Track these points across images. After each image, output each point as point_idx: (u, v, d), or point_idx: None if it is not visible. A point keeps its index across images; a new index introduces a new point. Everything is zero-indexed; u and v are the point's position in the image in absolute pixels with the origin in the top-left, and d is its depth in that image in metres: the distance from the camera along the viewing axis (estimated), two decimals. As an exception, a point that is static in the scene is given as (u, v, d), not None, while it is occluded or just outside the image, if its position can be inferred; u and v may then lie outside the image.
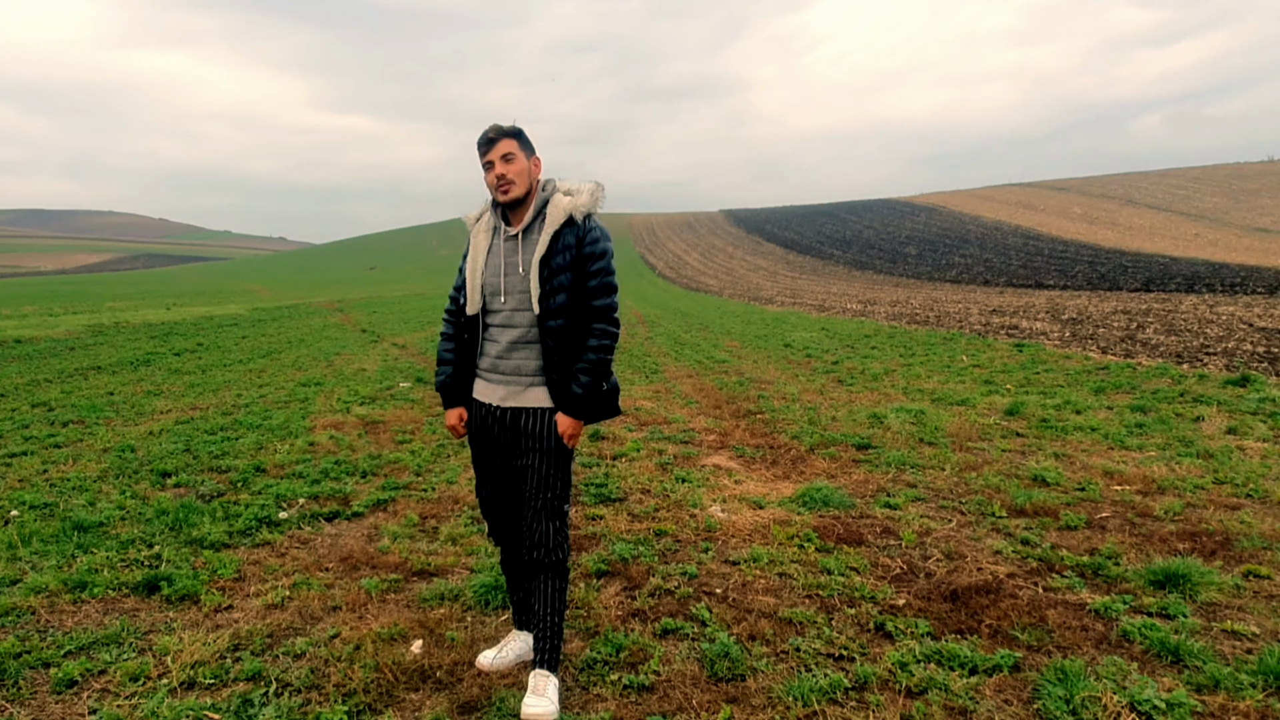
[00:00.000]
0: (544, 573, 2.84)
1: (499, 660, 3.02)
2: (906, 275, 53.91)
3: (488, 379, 2.90)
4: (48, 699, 2.87)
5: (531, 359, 2.82)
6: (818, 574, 3.91)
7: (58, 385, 10.94)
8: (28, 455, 6.66)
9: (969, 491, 5.29)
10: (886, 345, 15.01)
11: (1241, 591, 3.63)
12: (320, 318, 26.35)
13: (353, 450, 6.70)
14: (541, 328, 2.77)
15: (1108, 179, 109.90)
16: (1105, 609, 3.43)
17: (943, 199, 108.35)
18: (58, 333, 18.13)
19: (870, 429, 7.28)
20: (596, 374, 2.78)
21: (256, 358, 14.47)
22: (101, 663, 3.09)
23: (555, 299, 2.75)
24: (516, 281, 2.80)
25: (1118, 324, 17.42)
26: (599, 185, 2.85)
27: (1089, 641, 3.18)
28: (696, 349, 15.21)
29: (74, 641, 3.26)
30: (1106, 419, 7.54)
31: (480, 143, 2.81)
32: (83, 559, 4.17)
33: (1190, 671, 2.90)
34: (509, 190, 2.78)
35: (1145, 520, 4.65)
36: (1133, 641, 3.15)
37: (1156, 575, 3.72)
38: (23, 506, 5.11)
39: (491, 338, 2.88)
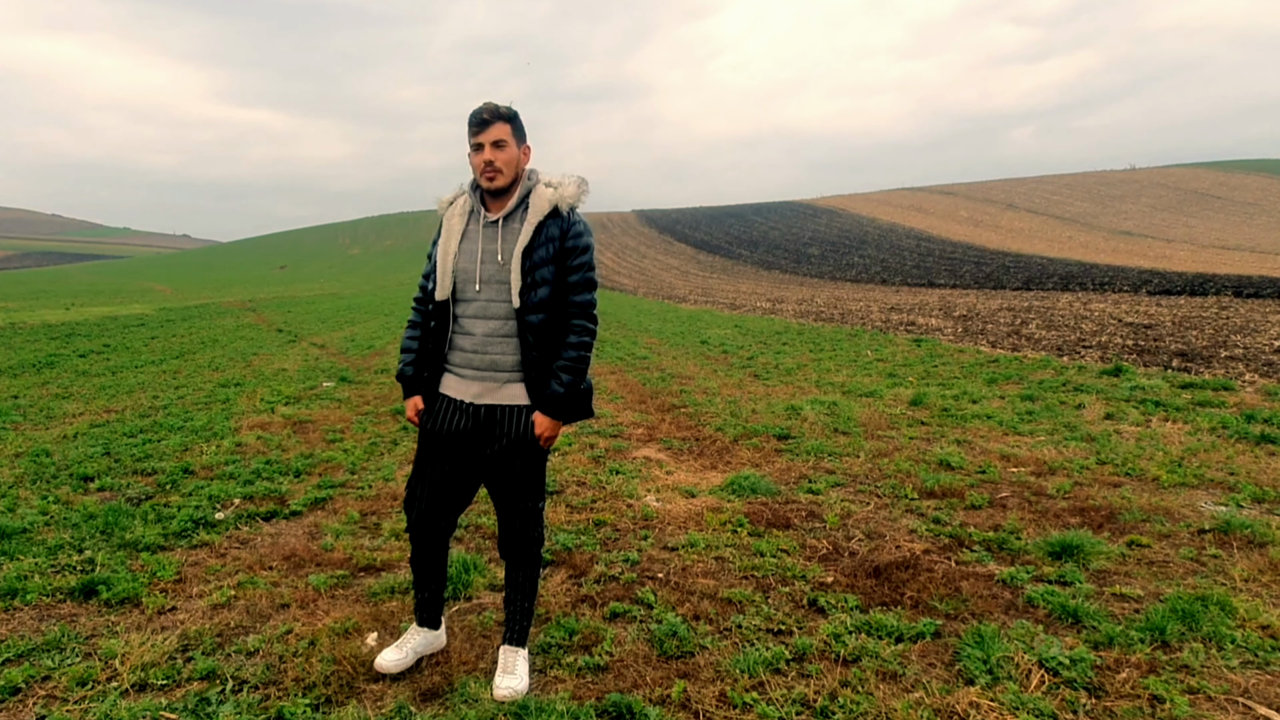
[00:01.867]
0: (521, 565, 2.87)
1: (403, 660, 2.86)
2: (811, 275, 55.38)
3: (460, 374, 2.74)
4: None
5: (509, 353, 2.68)
6: (752, 556, 4.05)
7: (-45, 389, 10.21)
8: (-68, 462, 6.23)
9: (883, 476, 5.55)
10: (797, 341, 15.44)
11: (1127, 559, 3.95)
12: (233, 317, 25.29)
13: (283, 450, 6.52)
14: (521, 321, 2.63)
15: (990, 184, 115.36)
16: (1011, 578, 3.68)
17: (841, 202, 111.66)
18: (-52, 334, 16.89)
19: (788, 420, 7.52)
20: (578, 372, 2.68)
21: (169, 359, 13.81)
22: (45, 668, 2.96)
23: (537, 292, 2.62)
24: (494, 270, 2.65)
25: (1004, 320, 18.37)
26: (583, 179, 2.73)
27: (999, 608, 3.41)
28: (617, 346, 15.31)
29: (11, 649, 3.11)
30: (1000, 407, 7.99)
31: (473, 121, 2.63)
32: (9, 566, 3.95)
33: (1088, 631, 3.16)
34: (495, 179, 2.64)
35: (1040, 498, 4.98)
36: (1037, 606, 3.40)
37: (1053, 547, 4.01)
38: (-66, 515, 4.80)
39: (464, 329, 2.71)
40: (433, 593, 2.96)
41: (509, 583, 2.90)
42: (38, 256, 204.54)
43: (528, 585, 2.88)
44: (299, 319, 24.57)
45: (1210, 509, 4.69)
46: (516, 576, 2.87)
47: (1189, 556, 3.96)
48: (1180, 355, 11.52)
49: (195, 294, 47.74)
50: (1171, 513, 4.63)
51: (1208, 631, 3.09)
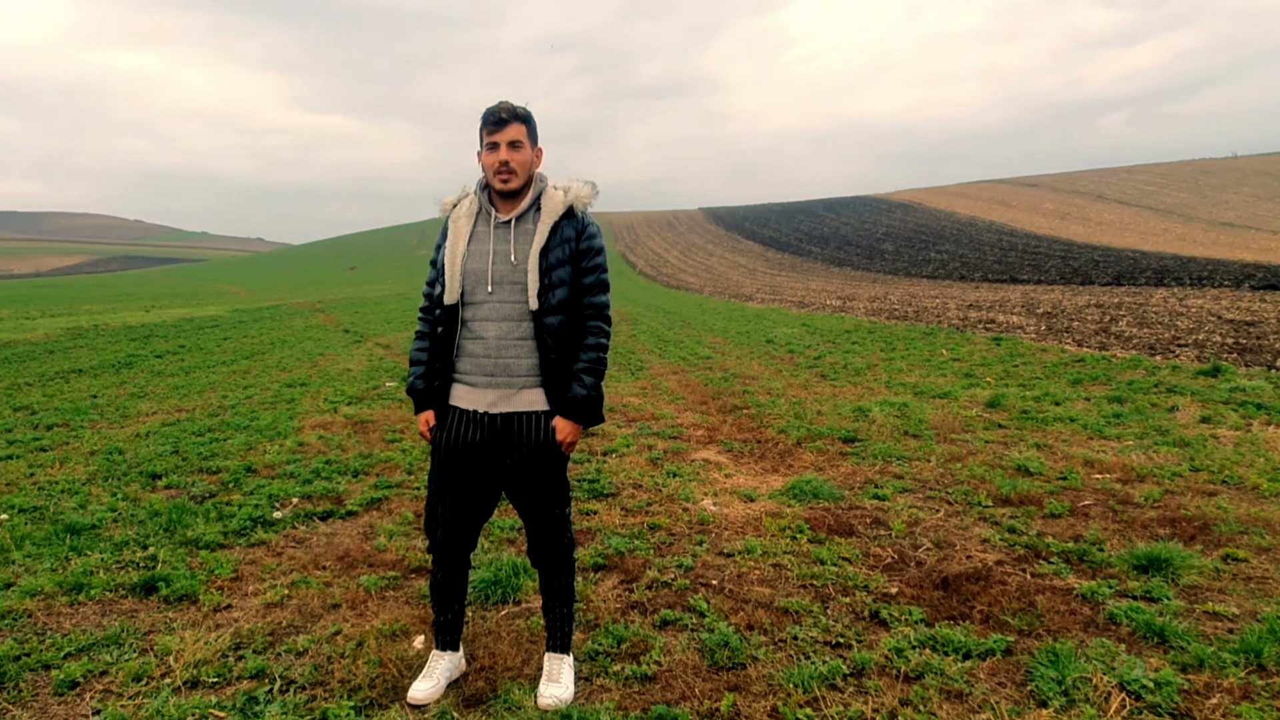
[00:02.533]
0: (555, 573, 2.84)
1: (435, 690, 2.77)
2: (884, 271, 54.30)
3: (471, 382, 2.66)
4: (50, 700, 2.86)
5: (523, 357, 2.61)
6: (811, 564, 3.95)
7: (39, 388, 10.79)
8: (13, 459, 6.58)
9: (955, 482, 5.37)
10: (867, 340, 15.13)
11: (1221, 574, 3.71)
12: (302, 318, 26.13)
13: (343, 450, 6.67)
14: (539, 323, 2.58)
15: (1077, 175, 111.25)
16: (1092, 593, 3.50)
17: (918, 196, 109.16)
18: (36, 336, 17.88)
19: (855, 422, 7.35)
20: (598, 374, 2.66)
21: (240, 359, 14.34)
22: (103, 664, 3.08)
23: (555, 294, 2.58)
24: (507, 271, 2.60)
25: (1092, 317, 17.66)
26: (594, 183, 2.70)
27: (1077, 625, 3.24)
28: (680, 346, 15.25)
29: (73, 643, 3.23)
30: (1085, 409, 7.66)
31: (489, 120, 2.58)
32: (77, 561, 4.13)
33: (1175, 651, 2.98)
34: (509, 180, 2.59)
35: (1126, 507, 4.74)
36: (1119, 624, 3.22)
37: (1139, 560, 3.80)
38: (12, 510, 5.05)
39: (475, 333, 2.64)
40: (455, 613, 2.90)
41: (545, 591, 2.87)
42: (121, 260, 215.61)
43: (565, 591, 2.85)
44: (365, 319, 25.24)
45: (1319, 521, 4.38)
46: (552, 584, 2.85)
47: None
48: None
49: (268, 296, 49.53)
50: (1272, 524, 4.34)
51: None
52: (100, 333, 19.52)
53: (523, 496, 2.74)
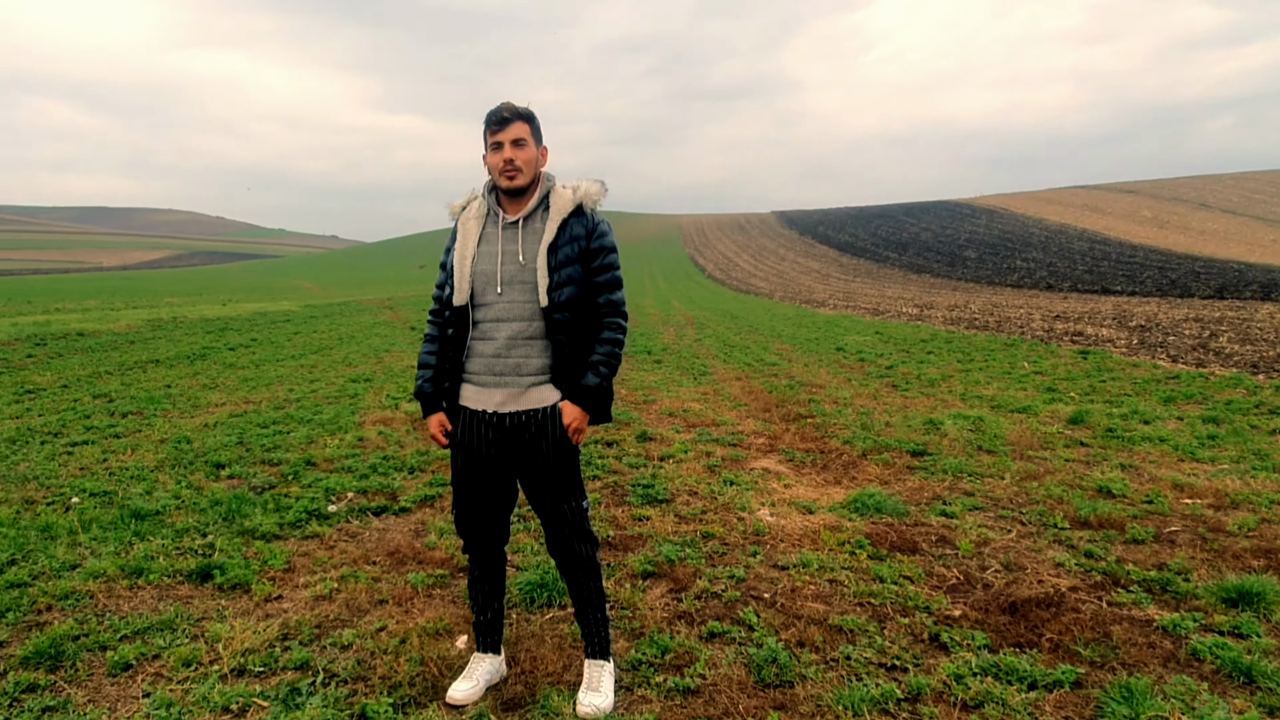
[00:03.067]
0: (580, 573, 2.84)
1: (474, 691, 2.81)
2: (965, 279, 52.92)
3: (480, 382, 2.70)
4: (104, 681, 2.97)
5: (533, 356, 2.66)
6: (869, 581, 3.85)
7: (118, 377, 11.32)
8: (89, 444, 6.91)
9: (1030, 501, 5.17)
10: (944, 350, 14.74)
11: (1322, 613, 3.48)
12: (370, 315, 26.85)
13: (401, 446, 6.81)
14: (549, 321, 2.62)
15: (1179, 182, 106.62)
16: (1174, 626, 3.32)
17: (1004, 201, 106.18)
18: (118, 326, 18.78)
19: (926, 435, 7.16)
20: (612, 368, 2.70)
21: (308, 353, 14.80)
22: (156, 647, 3.19)
23: (564, 291, 2.62)
24: (516, 271, 2.63)
25: (1189, 332, 16.86)
26: (602, 181, 2.74)
27: (1156, 659, 3.08)
28: (746, 351, 15.13)
29: (130, 626, 3.37)
30: (1176, 430, 7.30)
31: (491, 120, 2.62)
32: (139, 546, 4.31)
33: (1264, 694, 2.79)
34: (515, 178, 2.63)
35: (1217, 535, 4.48)
36: (1202, 660, 3.04)
37: (1229, 593, 3.58)
38: (83, 494, 5.30)
39: (484, 334, 2.68)
40: (495, 613, 2.94)
41: (573, 594, 2.86)
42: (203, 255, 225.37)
43: (594, 594, 2.84)
44: (432, 318, 25.76)
45: None
46: (579, 588, 2.83)
47: (1406, 615, 3.44)
48: None
49: (339, 292, 51.08)
50: (1386, 561, 4.04)
51: None
52: (178, 325, 20.40)
53: (537, 492, 2.76)
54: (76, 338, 16.24)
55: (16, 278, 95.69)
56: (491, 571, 2.91)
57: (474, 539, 2.87)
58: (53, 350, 14.30)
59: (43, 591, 3.69)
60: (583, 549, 2.80)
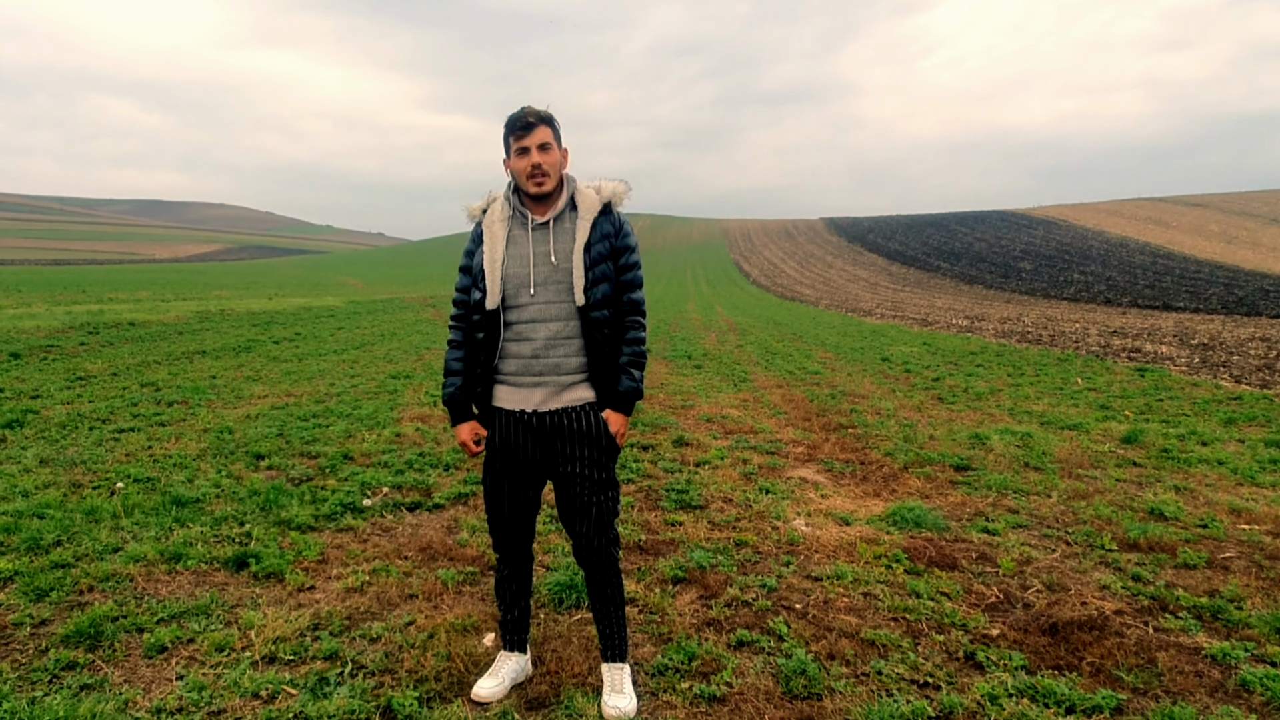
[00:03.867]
0: (604, 574, 2.85)
1: (499, 689, 2.84)
2: (1019, 291, 51.96)
3: (517, 383, 2.72)
4: (139, 662, 3.07)
5: (571, 355, 2.69)
6: (905, 596, 3.81)
7: (165, 367, 11.66)
8: (135, 431, 7.13)
9: (1076, 521, 5.06)
10: (993, 364, 14.49)
11: (1384, 648, 3.35)
12: (413, 312, 27.24)
13: (437, 443, 6.90)
14: (585, 319, 2.66)
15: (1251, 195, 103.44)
16: (1223, 655, 3.23)
17: (1063, 212, 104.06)
18: (168, 318, 19.32)
19: (970, 450, 7.05)
20: (642, 367, 2.77)
21: (350, 349, 15.07)
22: (191, 632, 3.28)
23: (599, 289, 2.66)
24: (549, 272, 2.66)
25: (1255, 351, 16.35)
26: (625, 181, 2.79)
27: (1203, 689, 3.00)
28: (788, 359, 15.04)
29: (166, 610, 3.47)
30: (1236, 452, 7.09)
31: (516, 126, 2.64)
32: (179, 532, 4.43)
33: (1319, 730, 2.71)
34: (543, 183, 2.65)
35: (1274, 563, 4.34)
36: (1253, 692, 2.95)
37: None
38: (128, 479, 5.47)
39: (520, 335, 2.70)
40: (521, 611, 2.97)
41: (596, 595, 2.88)
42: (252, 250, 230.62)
43: (617, 594, 2.86)
44: (474, 317, 26.04)
45: None
46: (604, 588, 2.85)
47: None
48: None
49: (383, 289, 51.86)
50: None
51: None
52: (225, 317, 20.91)
53: (574, 490, 2.76)
54: (128, 327, 16.74)
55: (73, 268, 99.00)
56: (520, 570, 2.95)
57: (505, 538, 2.91)
58: (104, 339, 14.76)
59: (85, 573, 3.82)
60: (612, 547, 2.83)
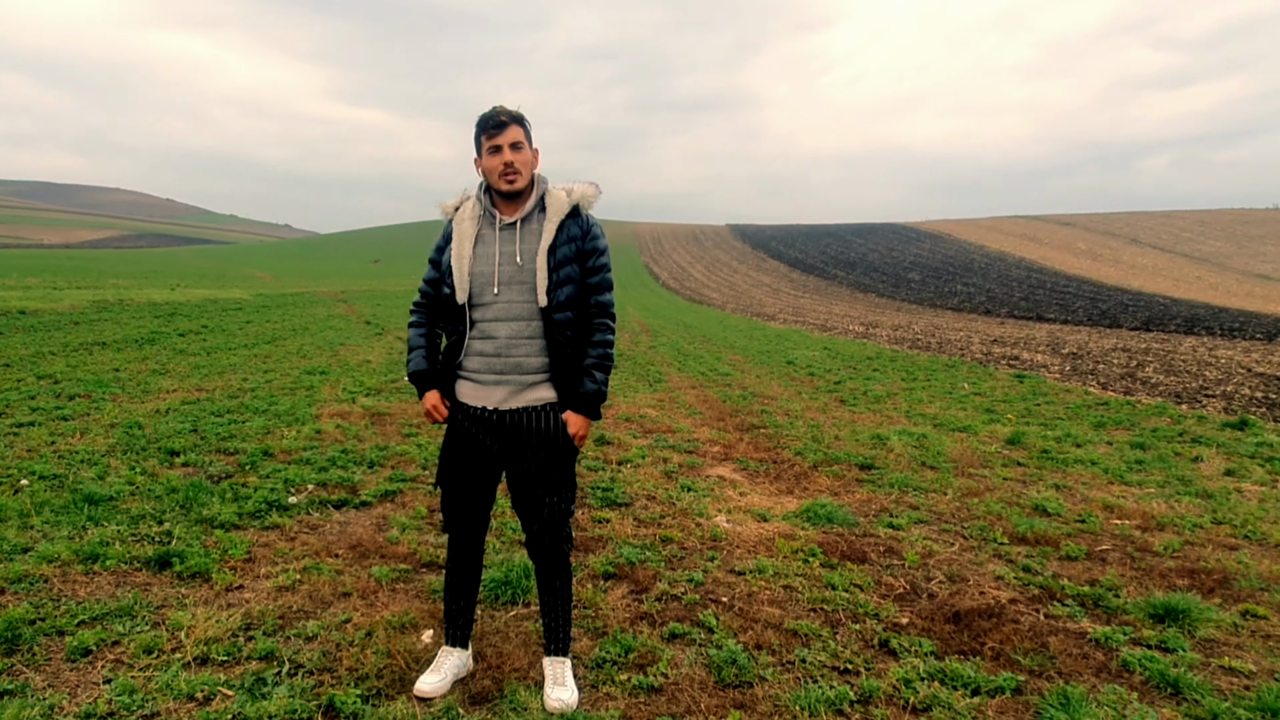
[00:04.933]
0: (555, 571, 2.87)
1: (442, 684, 2.81)
2: (909, 300, 54.04)
3: (480, 379, 2.71)
4: (62, 666, 2.91)
5: (533, 355, 2.68)
6: (822, 589, 3.95)
7: (63, 359, 10.96)
8: (35, 426, 6.69)
9: (971, 516, 5.34)
10: (889, 368, 15.06)
11: (1239, 630, 3.67)
12: (324, 307, 26.38)
13: (360, 440, 6.73)
14: (548, 320, 2.65)
15: (1113, 217, 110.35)
16: (1106, 639, 3.47)
17: (948, 226, 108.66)
18: (62, 306, 18.16)
19: (873, 450, 7.33)
20: (606, 369, 2.75)
21: (261, 343, 14.49)
22: (115, 634, 3.13)
23: (562, 291, 2.66)
24: (514, 271, 2.66)
25: (1118, 361, 17.50)
26: (596, 184, 2.78)
27: (1090, 669, 3.22)
28: (700, 361, 15.26)
29: (87, 611, 3.29)
30: (1107, 454, 7.59)
31: (489, 125, 2.62)
32: (94, 531, 4.20)
33: (1189, 704, 2.95)
34: (515, 181, 2.64)
35: (1145, 555, 4.69)
36: (1133, 672, 3.19)
37: (1156, 609, 3.76)
38: (32, 476, 5.15)
39: (484, 333, 2.70)
40: (467, 602, 2.96)
41: (545, 590, 2.89)
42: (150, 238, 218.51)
43: (565, 590, 2.89)
44: (388, 312, 25.42)
45: (1342, 584, 4.32)
46: (553, 582, 2.87)
47: (1313, 634, 3.65)
48: (1318, 412, 10.71)
49: (292, 282, 50.00)
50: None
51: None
52: (125, 308, 19.79)
53: (530, 489, 2.77)
54: (18, 316, 15.68)
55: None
56: (470, 559, 2.94)
57: (460, 529, 2.88)
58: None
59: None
60: (565, 544, 2.85)
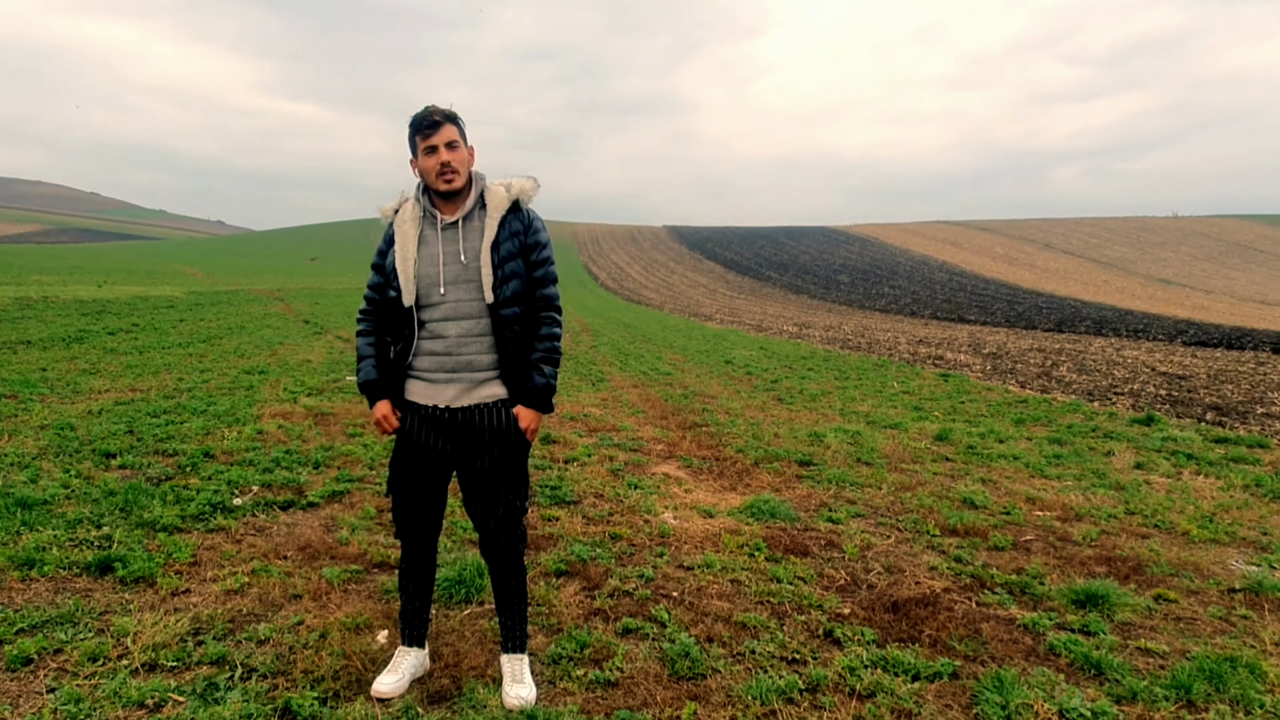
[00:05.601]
0: (510, 569, 2.86)
1: (400, 684, 2.77)
2: (839, 302, 55.16)
3: (430, 379, 2.68)
4: (2, 676, 2.78)
5: (484, 352, 2.66)
6: (768, 581, 4.02)
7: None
8: (-40, 428, 6.35)
9: (904, 510, 5.49)
10: (822, 368, 15.36)
11: (1153, 613, 3.86)
12: (261, 305, 25.62)
13: (304, 441, 6.57)
14: (495, 317, 2.63)
15: (1028, 223, 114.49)
16: (1033, 624, 3.62)
17: (875, 231, 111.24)
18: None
19: (811, 446, 7.47)
20: (555, 363, 2.74)
21: (196, 342, 14.00)
22: (57, 641, 3.00)
23: (509, 286, 2.63)
24: (459, 270, 2.63)
25: (1034, 361, 18.17)
26: (534, 178, 2.75)
27: (1020, 653, 3.35)
28: (641, 360, 15.31)
29: (26, 619, 3.15)
30: (1027, 449, 7.89)
31: (422, 125, 2.58)
32: (29, 536, 4.02)
33: (1111, 684, 3.09)
34: (453, 180, 2.60)
35: (1065, 544, 4.90)
36: (1059, 655, 3.34)
37: (1078, 595, 3.94)
38: (-41, 480, 4.89)
39: (434, 333, 2.66)
40: (423, 602, 2.92)
41: (500, 588, 2.87)
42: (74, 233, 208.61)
43: (520, 588, 2.88)
44: (326, 311, 24.84)
45: (1241, 568, 4.59)
46: (509, 581, 2.86)
47: (1218, 615, 3.87)
48: (1214, 409, 11.32)
49: (226, 280, 48.38)
50: (1201, 569, 4.53)
51: (1235, 694, 3.02)
52: (50, 305, 18.91)
53: (483, 486, 2.74)
54: (-65, 313, 14.83)
55: None
56: (424, 562, 2.90)
57: (411, 531, 2.84)
58: (-92, 325, 13.01)
59: (-77, 582, 3.40)
60: (519, 543, 2.83)
